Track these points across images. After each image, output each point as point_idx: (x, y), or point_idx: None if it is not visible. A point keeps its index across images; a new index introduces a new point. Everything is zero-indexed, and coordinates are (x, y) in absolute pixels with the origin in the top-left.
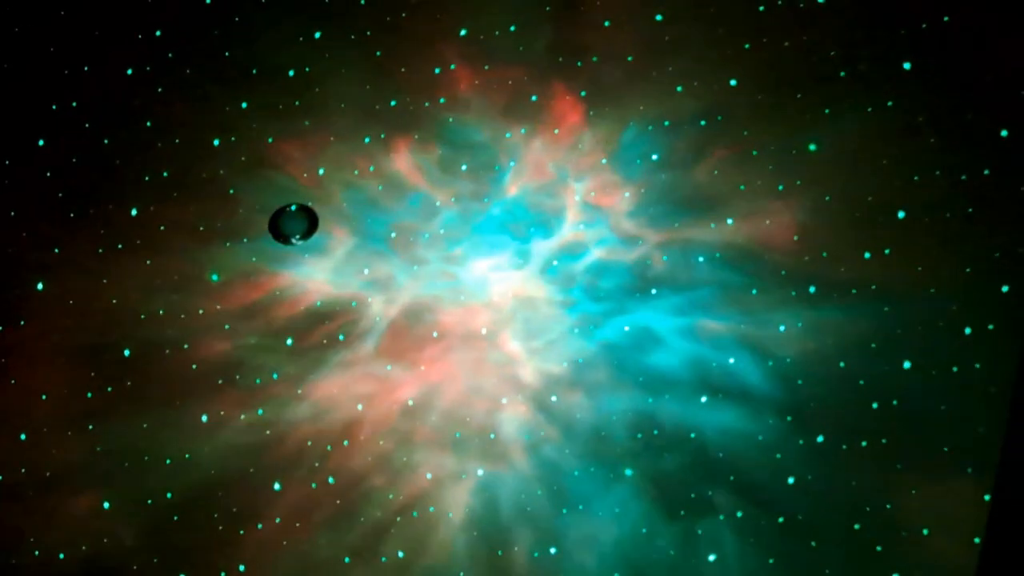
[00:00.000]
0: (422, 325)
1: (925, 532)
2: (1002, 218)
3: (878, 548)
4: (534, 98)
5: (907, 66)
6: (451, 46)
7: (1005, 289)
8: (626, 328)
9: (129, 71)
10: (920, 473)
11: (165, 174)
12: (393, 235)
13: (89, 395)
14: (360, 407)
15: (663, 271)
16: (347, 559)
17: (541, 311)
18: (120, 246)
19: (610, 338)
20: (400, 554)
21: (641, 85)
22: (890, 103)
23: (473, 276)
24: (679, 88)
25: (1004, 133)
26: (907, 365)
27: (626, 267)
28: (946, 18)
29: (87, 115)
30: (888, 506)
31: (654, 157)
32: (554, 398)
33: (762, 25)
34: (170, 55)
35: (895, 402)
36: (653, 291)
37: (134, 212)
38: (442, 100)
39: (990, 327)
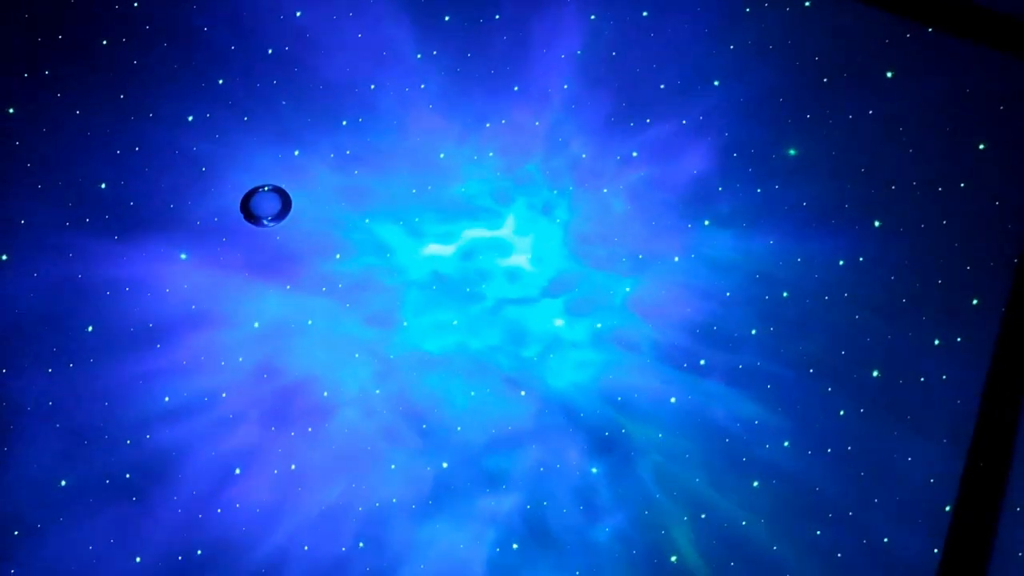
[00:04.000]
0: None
1: (885, 540)
2: (975, 230)
3: (839, 555)
4: (516, 88)
5: (889, 75)
6: (430, 34)
7: (975, 302)
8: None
9: (104, 42)
10: (886, 481)
11: (136, 148)
12: (357, 226)
13: None
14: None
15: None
16: None
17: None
18: (87, 220)
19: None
20: None
21: (621, 81)
22: (871, 112)
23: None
24: (661, 85)
25: (982, 147)
26: (875, 374)
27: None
28: (930, 29)
29: (57, 87)
30: (850, 513)
31: (633, 154)
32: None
33: (745, 28)
34: (146, 28)
35: (861, 410)
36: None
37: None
38: (422, 86)
39: (959, 339)
